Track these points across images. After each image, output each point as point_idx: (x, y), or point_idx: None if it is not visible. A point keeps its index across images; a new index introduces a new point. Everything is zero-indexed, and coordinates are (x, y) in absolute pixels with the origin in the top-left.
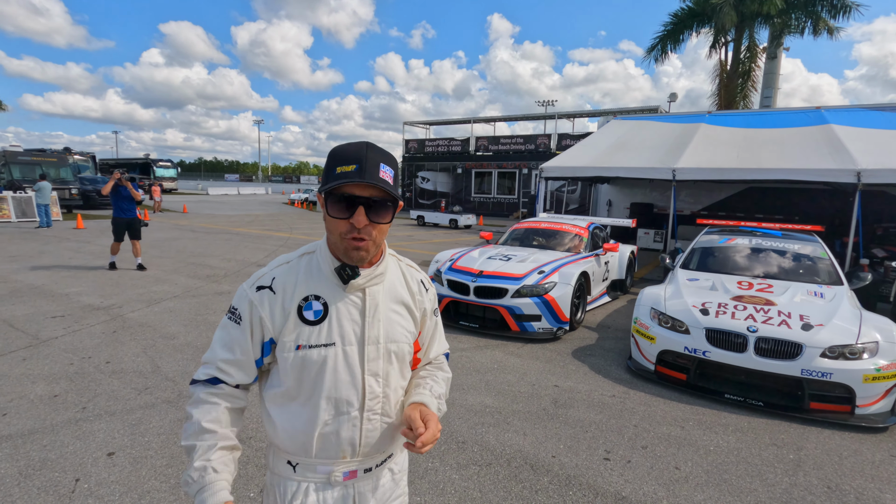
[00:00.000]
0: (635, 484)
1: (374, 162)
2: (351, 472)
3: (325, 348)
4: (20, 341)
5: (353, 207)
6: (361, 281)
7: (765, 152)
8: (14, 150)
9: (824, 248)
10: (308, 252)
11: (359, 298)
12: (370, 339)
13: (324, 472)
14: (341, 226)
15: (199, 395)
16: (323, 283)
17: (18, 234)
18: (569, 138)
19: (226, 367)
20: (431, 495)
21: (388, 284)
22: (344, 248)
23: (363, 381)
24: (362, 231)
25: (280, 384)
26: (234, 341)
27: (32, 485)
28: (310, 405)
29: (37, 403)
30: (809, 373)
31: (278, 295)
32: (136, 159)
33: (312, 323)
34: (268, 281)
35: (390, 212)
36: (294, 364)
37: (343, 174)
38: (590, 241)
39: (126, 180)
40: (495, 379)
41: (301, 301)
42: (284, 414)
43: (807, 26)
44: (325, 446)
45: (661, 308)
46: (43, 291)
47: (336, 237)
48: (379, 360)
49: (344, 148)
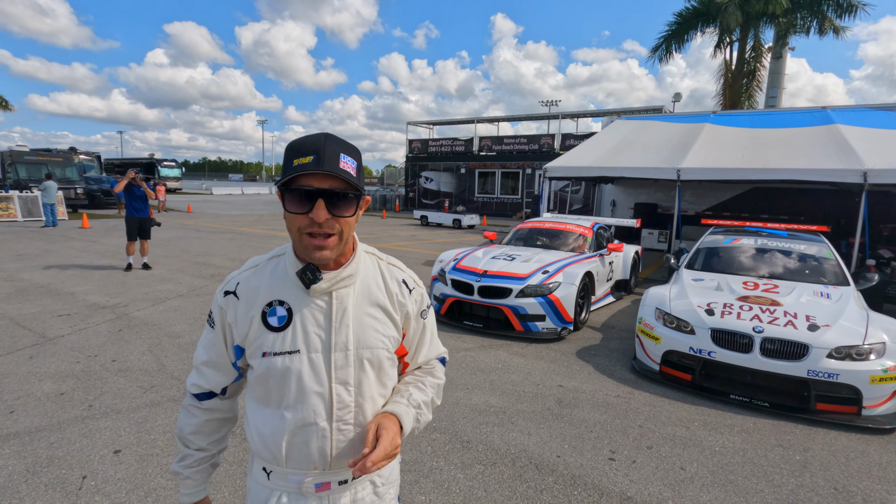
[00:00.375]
0: (640, 484)
1: (333, 152)
2: (324, 484)
3: (289, 356)
4: (27, 339)
5: (312, 201)
6: (325, 285)
7: (770, 152)
8: (20, 149)
9: (830, 249)
10: (278, 255)
11: (325, 303)
12: (337, 346)
13: (296, 481)
14: (299, 221)
15: (187, 405)
16: (288, 286)
17: (25, 234)
18: (572, 138)
19: (205, 369)
20: (436, 494)
21: (362, 286)
22: (304, 247)
23: (331, 390)
24: (323, 225)
25: (255, 387)
26: (210, 344)
27: (40, 482)
28: (277, 413)
29: (44, 401)
30: (816, 374)
31: (242, 301)
32: (140, 159)
33: (276, 329)
34: (233, 286)
35: (353, 204)
36: (260, 371)
37: (300, 166)
38: (594, 242)
39: (141, 179)
40: (499, 379)
41: (265, 307)
42: (259, 418)
43: (812, 26)
44: (294, 456)
45: (665, 308)
46: (49, 290)
47: (295, 235)
48: (349, 368)
49: (301, 140)
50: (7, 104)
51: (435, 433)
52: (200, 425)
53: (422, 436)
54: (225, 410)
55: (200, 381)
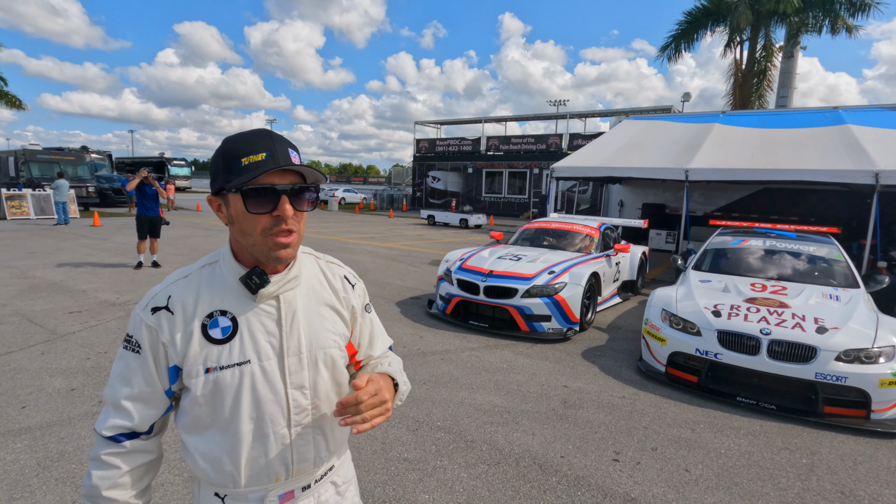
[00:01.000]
0: (644, 486)
1: (283, 148)
2: (287, 494)
3: (238, 367)
4: (39, 336)
5: (276, 198)
6: (273, 288)
7: (780, 153)
8: (33, 148)
9: (840, 250)
10: (210, 262)
11: (273, 308)
12: (290, 351)
13: (256, 500)
14: (262, 221)
15: (100, 454)
16: (229, 295)
17: (37, 231)
18: (580, 138)
19: (128, 404)
20: (440, 493)
21: (307, 287)
22: (267, 249)
23: (286, 396)
24: (289, 222)
25: (192, 411)
26: (134, 373)
27: (51, 476)
28: (230, 430)
29: (55, 396)
30: (824, 376)
31: (177, 315)
32: (151, 158)
33: (220, 342)
34: (163, 300)
35: (314, 197)
36: (206, 389)
37: (255, 164)
38: (601, 242)
39: (153, 178)
40: (504, 379)
41: (205, 318)
42: (203, 443)
43: (825, 25)
44: (255, 472)
45: (672, 309)
46: (61, 287)
47: (257, 237)
48: (303, 372)
49: (243, 139)
50: (20, 103)
51: (439, 432)
52: (121, 476)
53: (426, 435)
54: (151, 451)
55: (121, 421)
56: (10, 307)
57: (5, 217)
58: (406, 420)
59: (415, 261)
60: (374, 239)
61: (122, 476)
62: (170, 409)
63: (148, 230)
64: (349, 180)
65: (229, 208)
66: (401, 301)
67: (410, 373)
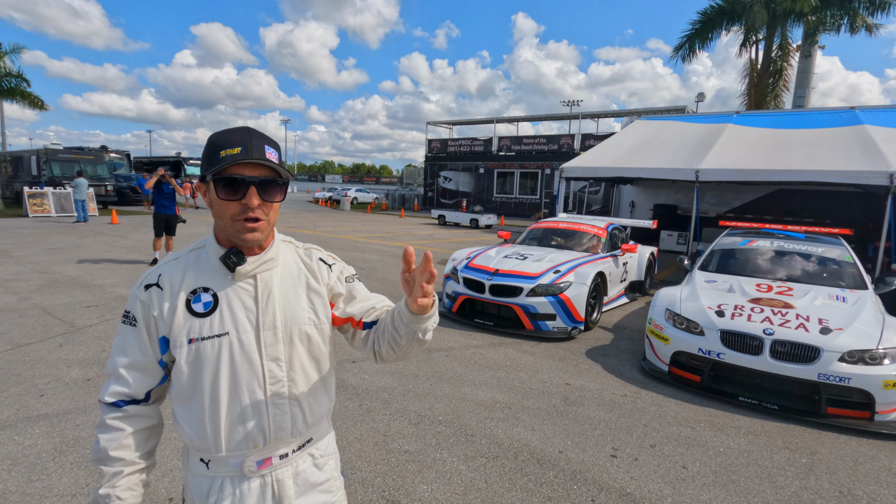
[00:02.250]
0: (641, 481)
1: (258, 144)
2: (265, 460)
3: (218, 339)
4: (57, 328)
5: (245, 188)
6: (249, 267)
7: (794, 153)
8: (54, 147)
9: (849, 252)
10: (198, 247)
11: (250, 286)
12: (265, 325)
13: (236, 464)
14: (231, 208)
15: (105, 419)
16: (211, 274)
17: (57, 228)
18: (592, 139)
19: (126, 373)
20: (438, 484)
21: (284, 269)
22: (235, 231)
23: (262, 367)
24: (256, 211)
25: (178, 381)
26: (131, 345)
27: (66, 460)
28: (211, 397)
29: (71, 386)
30: (827, 377)
31: (166, 290)
32: (168, 157)
33: (202, 315)
34: (154, 278)
35: (281, 190)
36: (189, 358)
37: (230, 156)
38: (608, 242)
39: (170, 177)
40: (507, 376)
41: (189, 294)
42: (188, 411)
43: (843, 23)
44: (233, 438)
45: (676, 309)
46: (79, 282)
47: (227, 221)
48: (278, 345)
49: (225, 133)
50: (43, 104)
51: (440, 426)
52: (125, 438)
53: (427, 428)
54: (151, 416)
55: (120, 388)
56: (31, 301)
57: (27, 214)
58: (408, 414)
59: None
60: (385, 238)
61: (126, 437)
62: (164, 379)
63: (164, 227)
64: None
65: (209, 194)
66: None
67: (414, 368)
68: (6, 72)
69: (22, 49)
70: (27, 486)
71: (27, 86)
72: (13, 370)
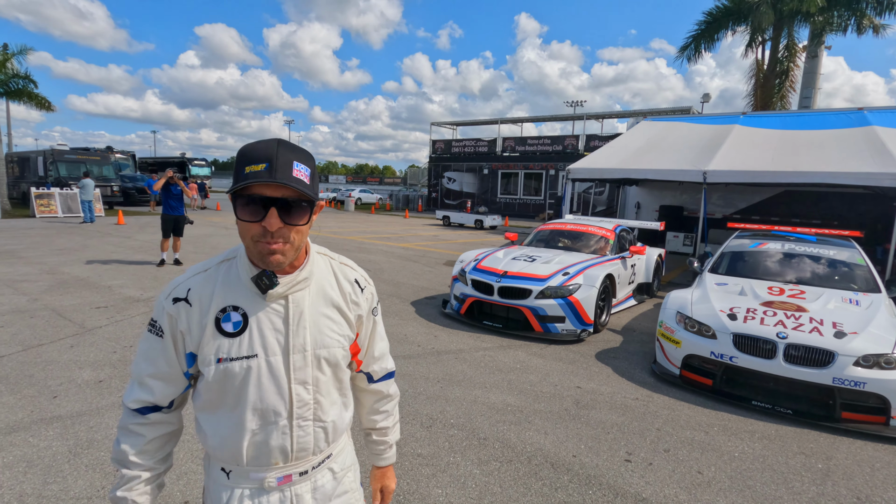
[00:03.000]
0: (656, 486)
1: (285, 160)
2: (286, 477)
3: (246, 360)
4: (68, 329)
5: (265, 209)
6: (282, 289)
7: (802, 154)
8: (61, 148)
9: (861, 254)
10: (227, 259)
11: (281, 307)
12: (296, 348)
13: (257, 478)
14: (252, 229)
15: (128, 424)
16: (241, 292)
17: (65, 229)
18: (597, 139)
19: (151, 381)
20: (453, 488)
21: (317, 287)
22: (258, 253)
23: (290, 391)
24: (276, 234)
25: (205, 394)
26: (157, 355)
27: (81, 462)
28: (236, 415)
29: (84, 388)
30: (841, 381)
31: (195, 307)
32: (172, 158)
33: (232, 335)
34: (183, 292)
35: (306, 213)
36: (216, 377)
37: (252, 174)
38: (616, 244)
39: (178, 178)
40: (517, 378)
41: (218, 313)
42: (213, 422)
43: (850, 24)
44: (256, 454)
45: (687, 312)
46: (88, 283)
47: (248, 242)
48: (307, 369)
49: (254, 146)
50: (49, 105)
51: (452, 430)
52: (146, 444)
53: (440, 432)
54: (173, 423)
55: (144, 396)
56: (41, 302)
57: (35, 215)
58: (420, 417)
59: (430, 261)
60: (390, 239)
61: (147, 443)
62: (188, 387)
63: (172, 228)
64: (365, 181)
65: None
66: (416, 301)
67: (425, 371)
68: (14, 73)
69: (28, 50)
70: (43, 489)
71: (34, 87)
72: (26, 371)
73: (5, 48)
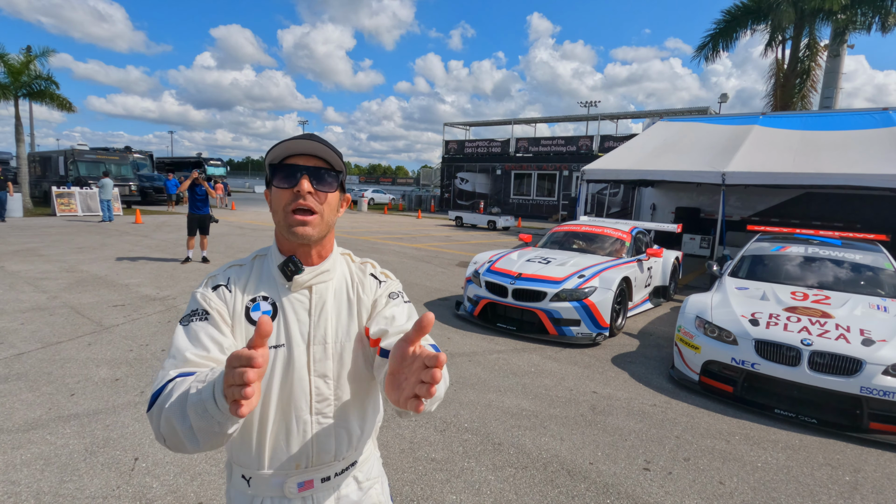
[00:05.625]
0: (676, 496)
1: (318, 142)
2: (307, 483)
3: (274, 350)
4: (86, 327)
5: (297, 177)
6: (307, 277)
7: (824, 156)
8: (81, 148)
9: (889, 259)
10: (261, 255)
11: (305, 297)
12: (316, 340)
13: (277, 484)
14: (284, 196)
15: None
16: (272, 282)
17: (84, 228)
18: (611, 140)
19: (202, 361)
20: (467, 494)
21: (338, 282)
22: (287, 226)
23: (310, 383)
24: (307, 199)
25: None
26: (204, 335)
27: (97, 461)
28: (260, 411)
29: (100, 386)
30: (870, 391)
31: (234, 294)
32: (189, 158)
33: None
34: (224, 280)
35: (335, 182)
36: None
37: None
38: (632, 246)
39: (203, 180)
40: (532, 382)
41: (249, 301)
42: None
43: (874, 22)
44: (276, 456)
45: (707, 317)
46: (105, 281)
47: (280, 214)
48: (327, 361)
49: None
50: (70, 106)
51: (466, 434)
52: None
53: (454, 436)
54: None
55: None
56: (59, 299)
57: (55, 213)
58: (434, 420)
59: (442, 262)
60: (403, 239)
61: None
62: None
63: (198, 227)
64: (378, 181)
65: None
66: (428, 302)
67: None
68: (36, 75)
69: (50, 52)
70: (59, 487)
71: (56, 88)
72: (44, 369)
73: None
